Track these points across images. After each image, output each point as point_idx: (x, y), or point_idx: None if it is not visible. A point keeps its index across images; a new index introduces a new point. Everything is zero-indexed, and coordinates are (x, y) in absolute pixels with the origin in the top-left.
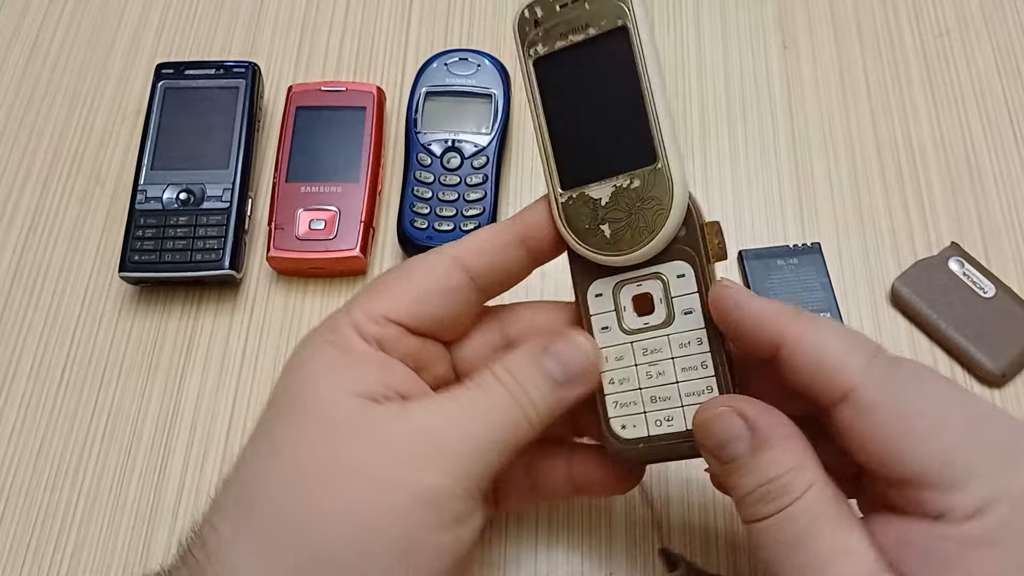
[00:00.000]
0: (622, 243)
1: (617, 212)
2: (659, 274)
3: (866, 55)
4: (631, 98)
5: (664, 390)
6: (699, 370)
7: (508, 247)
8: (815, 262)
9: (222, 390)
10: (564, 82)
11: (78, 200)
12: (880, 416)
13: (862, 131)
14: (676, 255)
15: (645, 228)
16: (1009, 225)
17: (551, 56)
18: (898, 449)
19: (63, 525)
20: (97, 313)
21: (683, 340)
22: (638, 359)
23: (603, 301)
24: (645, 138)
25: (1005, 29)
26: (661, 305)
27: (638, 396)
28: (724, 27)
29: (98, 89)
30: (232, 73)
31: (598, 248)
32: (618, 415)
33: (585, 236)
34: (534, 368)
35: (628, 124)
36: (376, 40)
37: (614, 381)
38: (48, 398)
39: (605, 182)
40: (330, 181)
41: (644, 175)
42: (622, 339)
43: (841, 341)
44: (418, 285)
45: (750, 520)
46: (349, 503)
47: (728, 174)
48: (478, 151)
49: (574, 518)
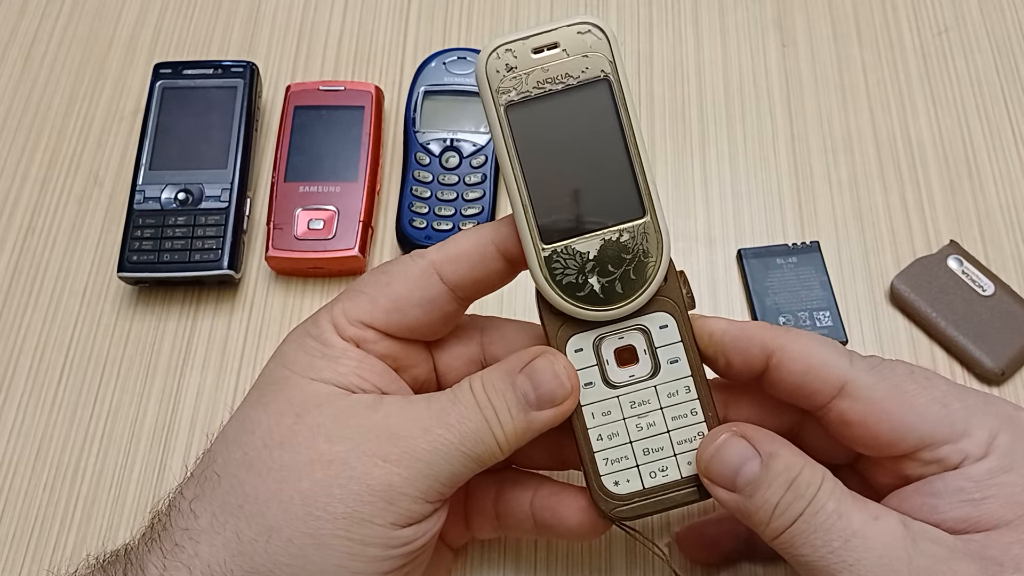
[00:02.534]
0: (613, 297)
1: (607, 266)
2: (641, 326)
3: (865, 54)
4: (614, 150)
5: (655, 441)
6: (689, 417)
7: (487, 257)
8: (814, 261)
9: (221, 390)
10: (540, 132)
11: (76, 200)
12: (879, 397)
13: (861, 130)
14: (658, 306)
15: (637, 281)
16: (1008, 223)
17: (525, 103)
18: (904, 421)
19: (62, 525)
20: (96, 313)
21: (671, 389)
22: (626, 412)
23: (584, 356)
24: (632, 191)
25: (1004, 27)
26: (645, 356)
27: (629, 450)
28: (723, 26)
29: (96, 89)
30: (230, 73)
31: (587, 304)
32: (610, 471)
33: (571, 291)
34: (507, 387)
35: (613, 176)
36: (374, 39)
37: (602, 437)
38: (47, 398)
39: (593, 236)
40: (329, 181)
41: (634, 228)
42: (608, 394)
43: (825, 346)
44: (395, 293)
45: (781, 530)
46: (306, 485)
47: (727, 173)
48: (477, 150)
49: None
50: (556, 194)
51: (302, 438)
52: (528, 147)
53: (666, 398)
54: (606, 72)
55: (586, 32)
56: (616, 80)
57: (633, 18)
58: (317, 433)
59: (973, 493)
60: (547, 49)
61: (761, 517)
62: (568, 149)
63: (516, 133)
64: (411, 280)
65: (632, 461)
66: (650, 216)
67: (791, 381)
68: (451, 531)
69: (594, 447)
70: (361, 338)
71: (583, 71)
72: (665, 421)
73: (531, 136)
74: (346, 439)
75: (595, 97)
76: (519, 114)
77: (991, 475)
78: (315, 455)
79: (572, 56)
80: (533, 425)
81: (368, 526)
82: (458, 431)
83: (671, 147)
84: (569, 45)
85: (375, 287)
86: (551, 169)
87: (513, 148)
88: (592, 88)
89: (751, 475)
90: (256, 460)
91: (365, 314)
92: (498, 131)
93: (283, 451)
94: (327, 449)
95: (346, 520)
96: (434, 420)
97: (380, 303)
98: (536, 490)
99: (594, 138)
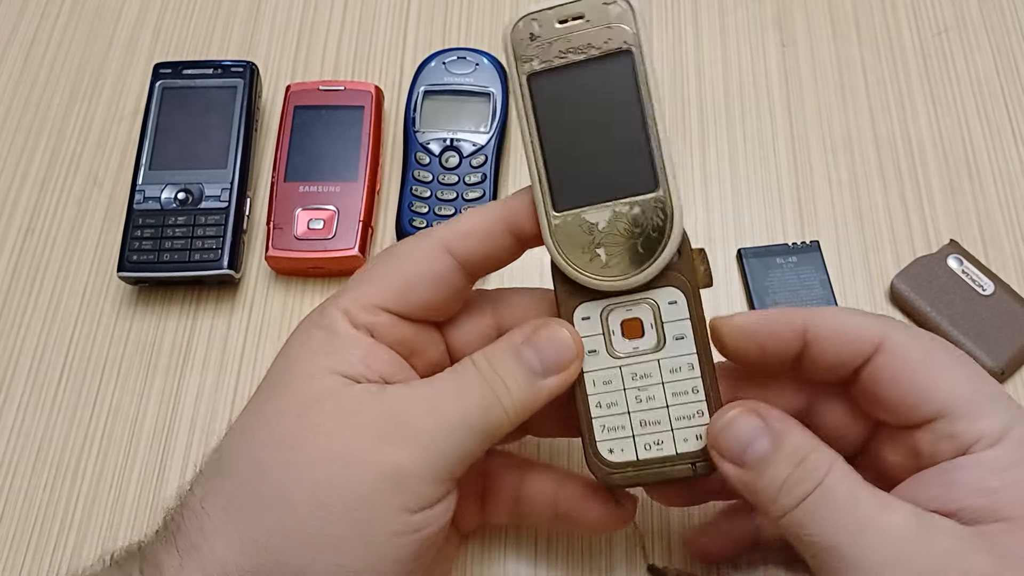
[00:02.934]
0: (619, 268)
1: (615, 237)
2: (650, 300)
3: (865, 53)
4: (632, 122)
5: (654, 414)
6: (690, 395)
7: (495, 233)
8: (814, 260)
9: (221, 390)
10: (560, 101)
11: (76, 200)
12: (913, 357)
13: (861, 129)
14: (668, 281)
15: (644, 254)
16: (1008, 222)
17: (547, 73)
18: (932, 383)
19: (63, 525)
20: (96, 313)
21: (674, 365)
22: (627, 383)
23: (591, 324)
24: (647, 164)
25: (1003, 26)
26: (652, 330)
27: (626, 420)
28: (723, 26)
29: (96, 89)
30: (230, 73)
31: (593, 272)
32: (606, 439)
33: (579, 259)
34: (512, 358)
35: (629, 149)
36: (374, 39)
37: (601, 405)
38: (47, 398)
39: (604, 206)
40: (329, 180)
41: (645, 202)
42: (610, 363)
43: (855, 312)
44: (406, 271)
45: (789, 508)
46: (314, 477)
47: (727, 173)
48: (477, 150)
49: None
50: (571, 163)
51: (306, 435)
52: (547, 115)
53: (668, 373)
54: (628, 44)
55: (611, 3)
56: (638, 52)
57: None
58: (319, 429)
59: (990, 481)
60: (572, 20)
61: (769, 494)
62: (586, 119)
63: (537, 101)
64: (420, 258)
65: (628, 431)
66: (663, 191)
67: (831, 351)
68: (464, 514)
69: (592, 413)
70: (374, 324)
71: (606, 42)
72: (665, 396)
73: (551, 105)
74: (351, 429)
75: (616, 68)
76: (541, 83)
77: (1007, 467)
78: (319, 450)
79: (595, 27)
80: (540, 393)
81: (380, 512)
82: (463, 405)
83: None
84: (593, 16)
85: (384, 268)
86: (568, 138)
87: (533, 116)
88: (614, 59)
89: (761, 451)
90: (263, 459)
91: (376, 296)
92: (519, 99)
93: (288, 450)
94: (331, 443)
95: (357, 510)
96: (438, 398)
97: (391, 283)
98: (560, 483)
99: (613, 109)
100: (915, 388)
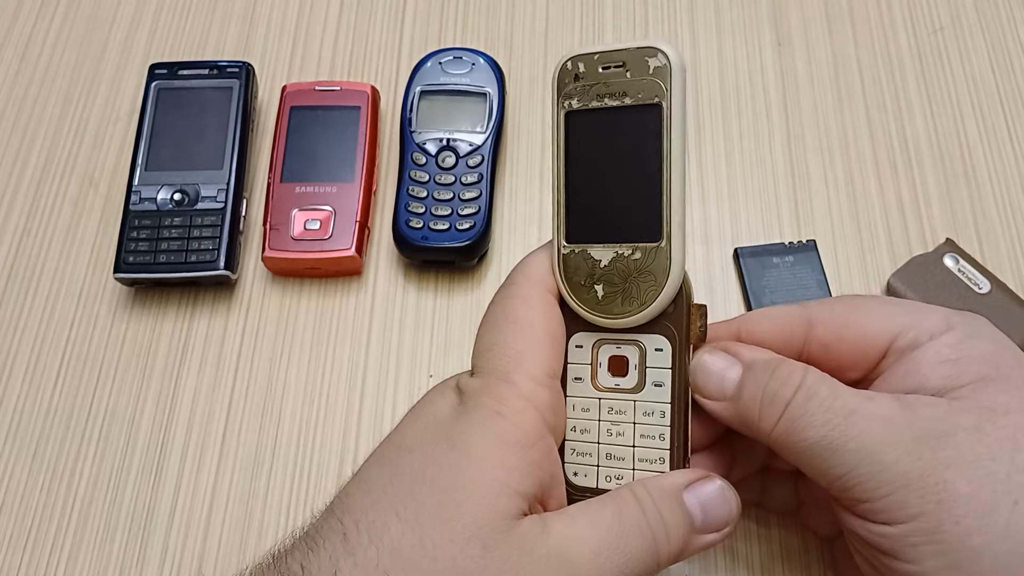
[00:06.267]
0: (611, 307)
1: (613, 277)
2: (639, 342)
3: (860, 52)
4: (651, 173)
5: (620, 450)
6: (656, 440)
7: None
8: (810, 259)
9: (218, 391)
10: (591, 140)
11: (72, 202)
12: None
13: (857, 128)
14: (659, 329)
15: (635, 299)
16: (1004, 221)
17: (584, 112)
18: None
19: (59, 527)
20: (92, 315)
21: (648, 409)
22: (602, 415)
23: (582, 353)
24: (655, 215)
25: (999, 25)
26: (634, 371)
27: (595, 449)
28: (718, 25)
29: (91, 90)
30: (226, 73)
31: (588, 306)
32: (573, 462)
33: (578, 290)
34: (676, 504)
35: (642, 197)
36: (370, 39)
37: (576, 429)
38: (43, 400)
39: (608, 246)
40: (325, 181)
41: (646, 250)
42: (592, 393)
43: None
44: (541, 329)
45: (776, 418)
46: None
47: (723, 172)
48: (473, 150)
49: None
50: (588, 200)
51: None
52: (577, 152)
53: (641, 415)
54: (659, 99)
55: (652, 56)
56: (667, 108)
57: (629, 17)
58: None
59: (950, 355)
60: (614, 67)
61: (752, 412)
62: (610, 162)
63: (570, 137)
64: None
65: (594, 460)
66: (665, 243)
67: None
68: None
69: (567, 436)
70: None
71: (639, 93)
72: (634, 436)
73: (582, 143)
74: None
75: (645, 119)
76: (576, 121)
77: (960, 340)
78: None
79: (633, 77)
80: (691, 547)
81: None
82: (626, 553)
83: None
84: (633, 66)
85: (522, 334)
86: (591, 177)
87: (564, 150)
88: (644, 111)
89: (734, 378)
90: None
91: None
92: (555, 132)
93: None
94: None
95: None
96: (602, 542)
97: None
98: None
99: (636, 158)
100: (858, 332)
